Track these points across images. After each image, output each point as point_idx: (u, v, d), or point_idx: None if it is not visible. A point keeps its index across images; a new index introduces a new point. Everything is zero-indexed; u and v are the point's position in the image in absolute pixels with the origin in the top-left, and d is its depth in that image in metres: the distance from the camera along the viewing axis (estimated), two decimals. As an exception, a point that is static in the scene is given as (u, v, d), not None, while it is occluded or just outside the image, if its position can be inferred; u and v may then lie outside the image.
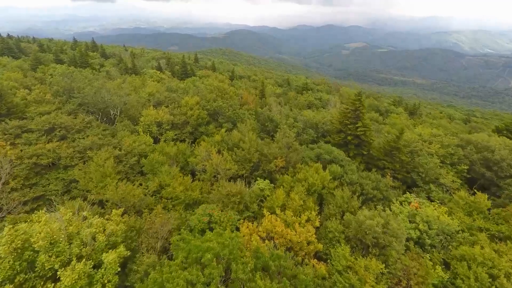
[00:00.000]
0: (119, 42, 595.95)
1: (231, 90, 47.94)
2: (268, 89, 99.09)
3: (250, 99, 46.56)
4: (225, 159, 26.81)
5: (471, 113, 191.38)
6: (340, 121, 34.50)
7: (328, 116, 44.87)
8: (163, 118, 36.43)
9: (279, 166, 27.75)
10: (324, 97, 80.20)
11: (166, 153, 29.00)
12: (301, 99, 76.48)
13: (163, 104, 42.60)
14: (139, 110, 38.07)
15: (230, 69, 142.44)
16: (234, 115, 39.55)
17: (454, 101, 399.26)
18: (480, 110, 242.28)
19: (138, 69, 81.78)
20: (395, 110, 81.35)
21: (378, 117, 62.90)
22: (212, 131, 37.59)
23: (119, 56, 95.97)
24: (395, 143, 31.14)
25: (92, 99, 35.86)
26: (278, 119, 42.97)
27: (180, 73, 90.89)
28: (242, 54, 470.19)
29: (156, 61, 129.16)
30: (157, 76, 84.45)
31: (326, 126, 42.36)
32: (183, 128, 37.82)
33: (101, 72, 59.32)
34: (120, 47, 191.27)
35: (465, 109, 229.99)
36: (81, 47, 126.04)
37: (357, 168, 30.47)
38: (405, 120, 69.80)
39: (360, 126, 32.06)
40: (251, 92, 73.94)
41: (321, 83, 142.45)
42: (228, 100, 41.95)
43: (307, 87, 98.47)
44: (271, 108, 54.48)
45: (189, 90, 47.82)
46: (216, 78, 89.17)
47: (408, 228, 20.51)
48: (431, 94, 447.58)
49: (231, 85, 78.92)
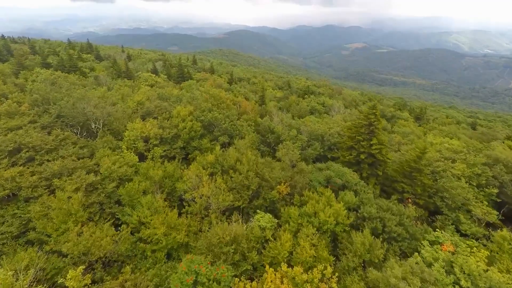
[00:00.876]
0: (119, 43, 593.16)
1: (229, 97, 43.54)
2: (268, 92, 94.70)
3: (249, 108, 42.17)
4: (219, 187, 22.43)
5: (474, 115, 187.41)
6: (351, 136, 30.07)
7: (335, 126, 40.43)
8: (151, 132, 31.99)
9: (283, 193, 23.38)
10: (328, 102, 75.76)
11: (150, 177, 24.60)
12: (303, 104, 72.07)
13: (153, 114, 38.15)
14: (125, 122, 33.63)
15: (229, 71, 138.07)
16: (232, 127, 35.14)
17: (454, 101, 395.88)
18: (483, 111, 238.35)
19: (132, 73, 77.33)
20: (401, 115, 76.97)
21: (387, 125, 58.47)
22: (206, 146, 33.14)
23: (114, 59, 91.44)
24: (416, 164, 26.75)
25: (70, 111, 31.42)
26: (279, 130, 38.59)
27: (176, 76, 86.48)
28: (241, 54, 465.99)
29: (152, 63, 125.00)
30: (152, 80, 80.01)
31: (333, 139, 37.99)
32: (174, 143, 33.37)
33: (89, 77, 54.87)
34: (118, 48, 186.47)
35: (467, 111, 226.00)
36: (75, 48, 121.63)
37: (373, 192, 26.09)
38: (414, 127, 65.47)
39: (375, 144, 27.67)
40: (250, 99, 69.59)
41: (322, 86, 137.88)
42: (225, 110, 37.54)
43: (308, 91, 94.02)
44: (272, 116, 50.15)
45: (182, 98, 43.38)
46: (214, 82, 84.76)
47: (446, 285, 16.15)
48: (431, 94, 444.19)
49: (229, 90, 74.59)
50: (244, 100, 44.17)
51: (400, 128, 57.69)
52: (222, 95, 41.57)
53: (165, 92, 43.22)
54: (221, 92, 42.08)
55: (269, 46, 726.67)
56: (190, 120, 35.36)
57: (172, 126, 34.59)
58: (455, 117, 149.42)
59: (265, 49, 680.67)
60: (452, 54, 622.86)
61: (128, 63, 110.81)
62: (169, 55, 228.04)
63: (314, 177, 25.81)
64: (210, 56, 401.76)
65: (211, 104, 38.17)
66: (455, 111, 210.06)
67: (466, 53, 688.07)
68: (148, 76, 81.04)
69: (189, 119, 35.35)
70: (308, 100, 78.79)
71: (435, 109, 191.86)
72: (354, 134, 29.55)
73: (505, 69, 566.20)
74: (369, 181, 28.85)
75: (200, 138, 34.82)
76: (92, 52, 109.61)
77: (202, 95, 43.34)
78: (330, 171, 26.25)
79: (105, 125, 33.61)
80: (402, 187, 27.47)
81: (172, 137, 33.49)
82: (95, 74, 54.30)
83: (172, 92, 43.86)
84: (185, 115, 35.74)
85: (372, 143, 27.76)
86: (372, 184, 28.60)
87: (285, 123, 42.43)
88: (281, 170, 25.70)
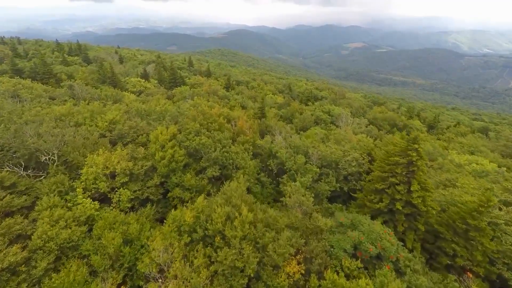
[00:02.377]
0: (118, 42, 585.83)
1: (223, 112, 35.70)
2: (268, 98, 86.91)
3: (246, 125, 34.43)
4: (197, 270, 14.74)
5: (480, 118, 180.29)
6: (381, 176, 22.36)
7: (352, 151, 32.59)
8: (118, 166, 24.22)
9: (295, 276, 15.68)
10: (334, 111, 67.96)
11: (101, 248, 16.89)
12: (307, 113, 64.31)
13: (126, 138, 30.27)
14: (87, 152, 25.81)
15: (226, 73, 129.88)
16: (224, 155, 27.37)
17: (454, 101, 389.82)
18: (486, 113, 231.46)
19: (118, 78, 69.36)
20: (413, 124, 69.23)
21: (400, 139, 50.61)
22: (189, 182, 25.31)
23: (101, 62, 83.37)
24: (475, 220, 19.07)
25: (10, 141, 23.56)
26: (283, 155, 30.88)
27: (168, 81, 78.56)
28: (241, 54, 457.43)
29: (144, 66, 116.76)
30: (141, 86, 72.14)
31: (350, 167, 30.28)
32: (148, 179, 25.61)
33: (63, 87, 46.97)
34: (112, 48, 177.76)
35: (471, 113, 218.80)
36: (63, 50, 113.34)
37: (420, 261, 18.40)
38: (433, 141, 57.69)
39: (416, 190, 20.02)
40: (248, 107, 61.79)
41: (324, 89, 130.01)
42: (217, 132, 29.77)
43: (311, 96, 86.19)
44: (274, 133, 42.47)
45: (166, 114, 35.54)
46: (209, 87, 76.82)
47: None
48: (431, 94, 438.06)
49: (225, 97, 66.76)
50: (240, 116, 36.36)
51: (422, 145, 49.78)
52: (214, 111, 33.70)
53: (146, 107, 35.30)
54: (213, 108, 34.17)
55: (268, 46, 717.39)
56: (171, 146, 27.59)
57: (147, 155, 26.78)
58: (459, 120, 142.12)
59: (264, 49, 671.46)
60: (451, 54, 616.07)
61: (119, 66, 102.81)
62: (167, 55, 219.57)
63: (336, 241, 18.11)
64: (209, 56, 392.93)
65: (199, 125, 30.37)
66: (458, 112, 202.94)
67: (466, 53, 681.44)
68: (136, 81, 73.17)
69: (170, 145, 27.55)
70: (312, 108, 71.02)
71: (439, 111, 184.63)
72: (385, 174, 21.81)
73: (505, 69, 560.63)
74: (406, 236, 21.18)
75: (183, 169, 27.04)
76: (80, 54, 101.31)
77: (190, 110, 35.50)
78: (358, 231, 18.56)
79: (62, 156, 25.75)
80: (453, 249, 19.78)
81: (146, 170, 25.73)
82: (69, 83, 46.44)
83: (154, 106, 35.95)
84: (166, 139, 27.90)
85: (412, 189, 20.08)
86: (411, 241, 20.93)
87: (290, 144, 34.68)
88: (290, 231, 17.95)
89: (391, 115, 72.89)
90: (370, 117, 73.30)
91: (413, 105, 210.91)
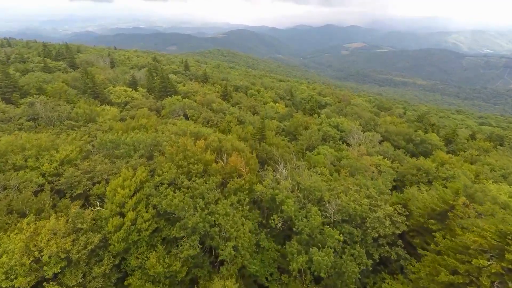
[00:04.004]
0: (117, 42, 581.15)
1: (212, 143, 27.36)
2: (268, 107, 78.50)
3: (241, 163, 26.07)
4: None
5: (487, 123, 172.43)
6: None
7: (381, 203, 24.12)
8: (47, 249, 15.93)
9: None
10: (343, 125, 59.53)
11: None
12: (313, 128, 55.94)
13: (79, 187, 21.89)
14: (9, 219, 17.50)
15: (225, 77, 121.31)
16: (206, 221, 19.01)
17: (456, 102, 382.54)
18: (491, 116, 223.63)
19: (101, 88, 60.81)
20: (431, 140, 60.74)
21: (427, 165, 42.06)
22: (154, 270, 16.99)
23: (85, 68, 74.88)
24: None
25: None
26: (291, 208, 22.60)
27: (159, 90, 70.04)
28: (240, 55, 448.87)
29: (138, 69, 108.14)
30: (127, 96, 63.70)
31: (382, 227, 21.97)
32: (96, 263, 17.34)
33: (21, 106, 38.30)
34: (106, 50, 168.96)
35: (476, 116, 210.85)
36: (51, 52, 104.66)
37: None
38: (457, 162, 49.22)
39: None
40: (246, 123, 53.39)
41: (328, 94, 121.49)
42: (200, 180, 21.48)
43: (316, 105, 77.67)
44: (276, 161, 34.19)
45: (139, 146, 27.11)
46: (204, 97, 68.40)
47: None
48: (432, 95, 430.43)
49: (221, 111, 58.29)
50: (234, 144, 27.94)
51: (446, 172, 41.32)
52: (199, 146, 25.32)
53: (113, 138, 26.82)
54: (198, 143, 25.66)
55: (268, 46, 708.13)
56: (135, 203, 19.32)
57: (96, 227, 18.43)
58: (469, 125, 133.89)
59: (264, 49, 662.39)
60: (452, 54, 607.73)
61: (109, 71, 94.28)
62: (164, 56, 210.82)
63: None
64: (208, 57, 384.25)
65: (177, 167, 22.04)
66: (463, 116, 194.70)
67: (466, 53, 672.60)
68: (122, 91, 64.64)
69: (132, 203, 19.25)
70: (318, 121, 62.60)
71: (444, 115, 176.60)
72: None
73: (506, 70, 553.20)
74: None
75: (149, 241, 18.72)
76: (66, 58, 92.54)
77: (170, 142, 27.08)
78: None
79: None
80: None
81: (93, 249, 17.41)
82: (30, 100, 37.94)
83: (122, 138, 27.42)
84: (127, 195, 19.59)
85: None
86: None
87: (299, 185, 26.38)
88: None
89: (405, 129, 64.46)
90: (382, 130, 64.95)
91: (417, 107, 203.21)
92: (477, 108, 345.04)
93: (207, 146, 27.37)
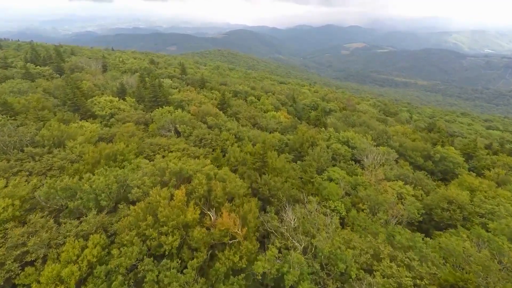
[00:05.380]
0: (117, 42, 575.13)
1: (200, 190, 20.40)
2: (269, 116, 71.28)
3: (236, 221, 18.93)
4: None
5: (495, 127, 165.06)
6: None
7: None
8: None
9: None
10: (354, 141, 52.45)
11: None
12: (322, 145, 48.92)
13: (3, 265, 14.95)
14: None
15: (223, 81, 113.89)
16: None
17: (458, 103, 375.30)
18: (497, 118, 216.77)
19: (83, 100, 53.76)
20: (453, 158, 53.63)
21: (461, 198, 34.97)
22: None
23: (68, 75, 67.87)
24: None
25: None
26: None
27: (149, 99, 62.94)
28: (240, 55, 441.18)
29: (132, 73, 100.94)
30: (112, 107, 56.73)
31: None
32: None
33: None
34: (101, 51, 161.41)
35: (482, 118, 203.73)
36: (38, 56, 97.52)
37: None
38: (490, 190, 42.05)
39: None
40: (245, 141, 46.29)
41: (332, 99, 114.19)
42: (180, 250, 14.54)
43: (321, 113, 70.52)
44: (282, 201, 27.53)
45: (101, 195, 20.04)
46: (198, 108, 61.39)
47: None
48: (434, 96, 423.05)
49: (217, 126, 51.17)
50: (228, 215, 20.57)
51: (483, 205, 34.23)
52: (177, 200, 18.35)
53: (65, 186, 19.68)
54: (177, 195, 18.62)
55: (268, 46, 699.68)
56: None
57: None
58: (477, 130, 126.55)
59: (264, 49, 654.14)
60: (452, 54, 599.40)
61: (99, 76, 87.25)
62: (163, 58, 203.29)
63: None
64: (208, 57, 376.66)
65: (139, 245, 15.14)
66: (469, 119, 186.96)
67: (467, 53, 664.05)
68: (107, 101, 57.61)
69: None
70: (325, 136, 55.60)
71: (450, 118, 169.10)
72: None
73: (507, 70, 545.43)
74: None
75: None
76: (53, 63, 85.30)
77: (143, 185, 20.14)
78: None
79: None
80: None
81: None
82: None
83: (83, 182, 20.37)
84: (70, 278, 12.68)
85: None
86: None
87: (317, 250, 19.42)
88: None
89: (422, 143, 57.42)
90: (396, 145, 58.06)
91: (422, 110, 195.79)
92: (479, 109, 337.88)
93: (191, 193, 20.37)
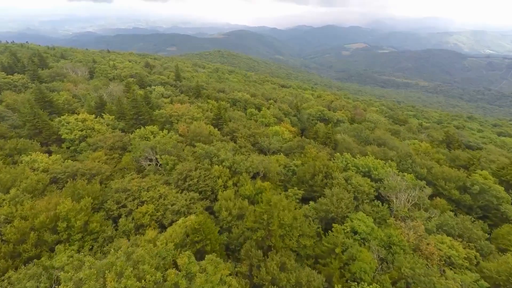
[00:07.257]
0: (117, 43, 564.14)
1: None
2: (271, 132, 61.01)
3: None
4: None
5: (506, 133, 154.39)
6: None
7: None
8: None
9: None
10: (378, 171, 42.25)
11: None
12: (338, 177, 38.78)
13: None
14: None
15: (222, 88, 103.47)
16: None
17: (460, 104, 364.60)
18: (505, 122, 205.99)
19: (47, 121, 43.59)
20: (494, 191, 43.34)
21: None
22: None
23: (38, 88, 57.55)
24: None
25: None
26: None
27: (131, 117, 52.70)
28: (241, 56, 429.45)
29: (120, 80, 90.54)
30: (83, 129, 46.43)
31: None
32: None
33: None
34: (92, 54, 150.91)
35: (490, 122, 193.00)
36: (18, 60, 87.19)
37: None
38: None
39: None
40: (244, 182, 36.05)
41: (339, 107, 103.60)
42: None
43: (331, 130, 60.16)
44: None
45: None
46: (187, 128, 51.10)
47: None
48: (436, 97, 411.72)
49: (207, 156, 40.83)
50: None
51: None
52: None
53: None
54: None
55: (268, 47, 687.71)
56: None
57: None
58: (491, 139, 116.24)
59: (264, 50, 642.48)
60: (454, 55, 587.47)
61: (82, 84, 76.99)
62: (160, 60, 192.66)
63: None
64: (207, 58, 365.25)
65: None
66: (477, 123, 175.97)
67: (468, 54, 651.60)
68: (79, 121, 47.36)
69: None
70: (342, 164, 45.31)
71: (459, 124, 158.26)
72: None
73: (509, 71, 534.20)
74: None
75: None
76: (29, 70, 74.85)
77: None
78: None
79: None
80: None
81: None
82: None
83: None
84: None
85: None
86: None
87: None
88: None
89: (455, 172, 46.95)
90: (423, 172, 47.66)
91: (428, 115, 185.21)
92: (482, 111, 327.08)
93: None
